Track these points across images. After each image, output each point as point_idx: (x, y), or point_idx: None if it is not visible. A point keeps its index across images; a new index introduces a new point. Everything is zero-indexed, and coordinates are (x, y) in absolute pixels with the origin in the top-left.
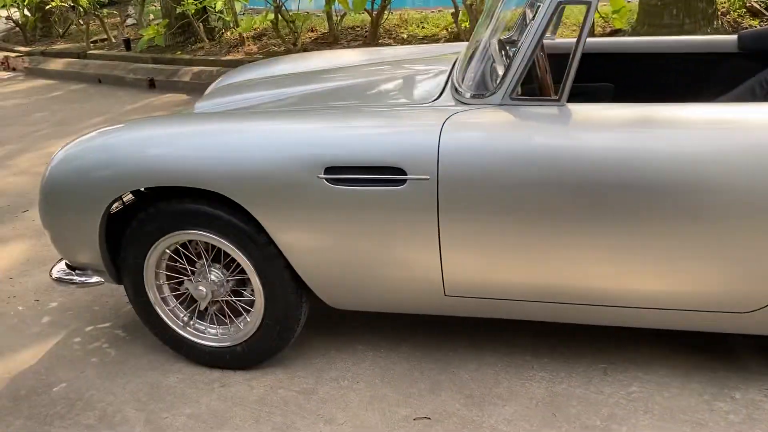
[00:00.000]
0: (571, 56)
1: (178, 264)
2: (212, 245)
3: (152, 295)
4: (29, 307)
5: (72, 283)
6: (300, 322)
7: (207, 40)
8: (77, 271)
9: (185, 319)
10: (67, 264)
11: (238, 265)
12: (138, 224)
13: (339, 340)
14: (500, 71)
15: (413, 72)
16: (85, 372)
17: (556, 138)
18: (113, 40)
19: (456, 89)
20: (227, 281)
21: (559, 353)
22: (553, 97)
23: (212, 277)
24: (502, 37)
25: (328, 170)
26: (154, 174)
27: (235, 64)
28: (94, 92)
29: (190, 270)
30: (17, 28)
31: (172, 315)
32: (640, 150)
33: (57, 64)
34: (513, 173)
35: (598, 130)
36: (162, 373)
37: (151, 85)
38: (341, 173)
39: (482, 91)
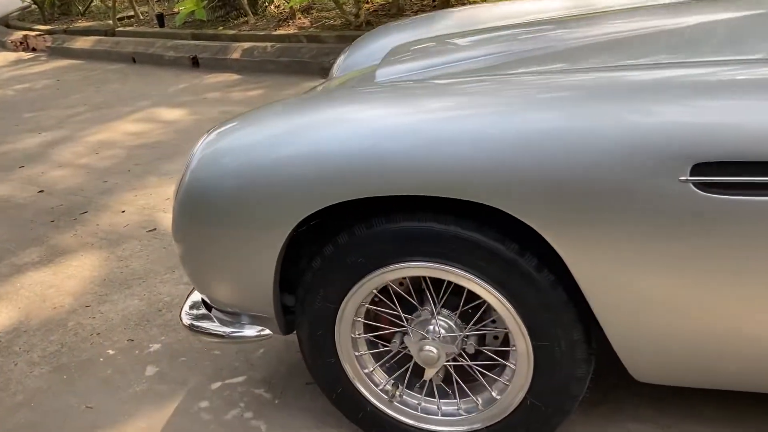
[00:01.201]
0: None
1: (381, 310)
2: (448, 285)
3: (346, 356)
4: (122, 351)
5: (216, 335)
6: (578, 402)
7: (251, 14)
8: (214, 311)
9: (389, 388)
10: (204, 301)
11: (483, 314)
12: (335, 252)
13: (593, 413)
14: None
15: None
16: None
17: None
18: (141, 17)
19: None
20: (465, 338)
21: None
22: None
23: (442, 330)
24: None
25: (698, 169)
26: (379, 178)
27: (289, 40)
28: (129, 72)
29: (405, 318)
30: (33, 6)
31: (370, 383)
32: None
33: (84, 43)
34: None
35: None
36: None
37: (195, 63)
38: (722, 173)
39: None
